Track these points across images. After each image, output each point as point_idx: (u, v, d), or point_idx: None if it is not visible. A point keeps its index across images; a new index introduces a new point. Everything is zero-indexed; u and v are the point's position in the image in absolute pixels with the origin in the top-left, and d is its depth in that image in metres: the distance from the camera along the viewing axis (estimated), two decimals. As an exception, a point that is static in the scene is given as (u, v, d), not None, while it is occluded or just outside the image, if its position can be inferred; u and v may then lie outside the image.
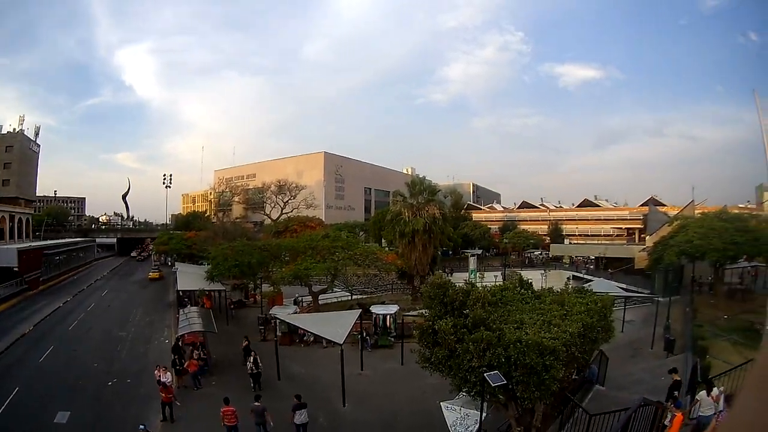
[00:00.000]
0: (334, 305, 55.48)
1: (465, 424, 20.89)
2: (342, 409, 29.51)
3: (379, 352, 41.82)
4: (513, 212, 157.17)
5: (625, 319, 47.54)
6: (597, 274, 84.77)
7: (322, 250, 52.51)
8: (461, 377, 18.84)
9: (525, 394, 17.91)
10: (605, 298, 24.09)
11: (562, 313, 20.75)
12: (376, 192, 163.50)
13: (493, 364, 17.60)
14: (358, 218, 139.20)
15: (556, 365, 17.45)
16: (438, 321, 19.38)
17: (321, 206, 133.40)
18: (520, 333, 18.16)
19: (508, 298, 22.88)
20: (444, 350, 19.10)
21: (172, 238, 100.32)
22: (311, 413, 26.30)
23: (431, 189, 65.08)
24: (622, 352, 37.20)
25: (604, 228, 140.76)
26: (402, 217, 60.35)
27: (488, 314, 19.62)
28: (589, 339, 20.95)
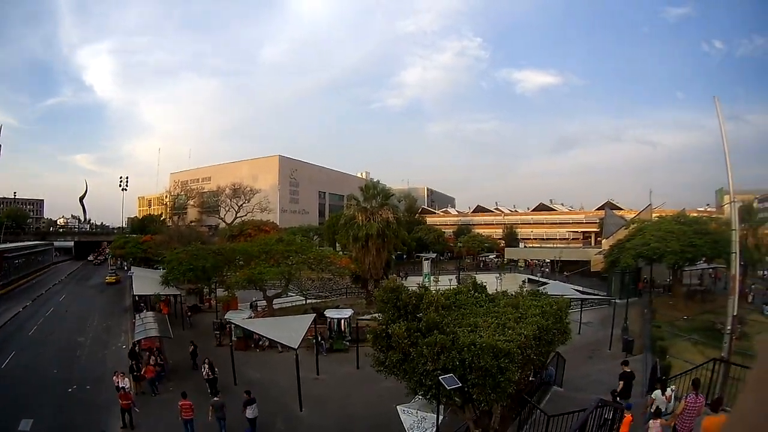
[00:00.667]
0: (288, 309, 55.15)
1: (422, 428, 20.87)
2: (299, 414, 29.30)
3: (334, 356, 41.64)
4: (468, 216, 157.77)
5: (582, 321, 48.34)
6: (552, 277, 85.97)
7: (276, 255, 52.03)
8: (416, 381, 18.76)
9: (481, 397, 17.84)
10: (560, 301, 24.17)
11: (516, 316, 20.67)
12: (331, 196, 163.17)
13: (447, 367, 17.47)
14: (313, 222, 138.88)
15: (511, 367, 17.40)
16: (391, 325, 19.23)
17: (276, 210, 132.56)
18: (475, 336, 18.03)
19: (462, 302, 22.72)
20: (398, 354, 18.95)
21: (128, 242, 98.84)
22: (269, 418, 27.09)
23: (385, 193, 64.96)
24: (580, 353, 37.57)
25: (559, 231, 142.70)
26: (356, 221, 60.16)
27: (442, 318, 19.44)
28: (545, 341, 20.87)
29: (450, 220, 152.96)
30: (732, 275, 24.60)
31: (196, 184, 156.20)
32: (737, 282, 24.73)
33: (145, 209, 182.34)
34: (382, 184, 66.76)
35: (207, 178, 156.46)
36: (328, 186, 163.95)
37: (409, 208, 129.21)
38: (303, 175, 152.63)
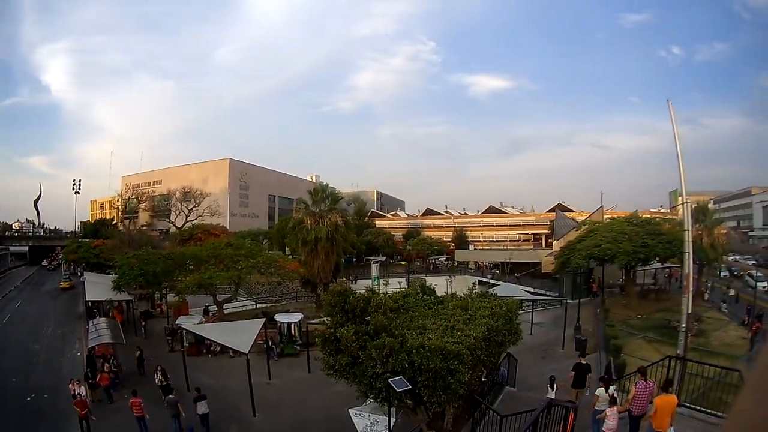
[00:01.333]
0: (239, 314, 54.53)
1: (375, 430, 20.67)
2: (253, 419, 29.02)
3: (285, 360, 41.38)
4: (417, 219, 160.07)
5: (534, 321, 48.72)
6: (503, 278, 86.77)
7: (225, 259, 51.39)
8: (366, 384, 18.65)
9: (432, 399, 17.88)
10: (510, 302, 24.23)
11: (465, 318, 20.61)
12: (281, 200, 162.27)
13: (396, 369, 17.43)
14: (262, 226, 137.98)
15: (461, 369, 17.45)
16: (340, 329, 19.03)
17: (226, 214, 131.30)
18: (423, 338, 17.98)
19: (410, 304, 22.73)
20: (347, 357, 18.75)
21: (81, 247, 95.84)
22: (223, 425, 27.45)
23: (334, 197, 65.27)
24: (533, 353, 37.81)
25: (510, 234, 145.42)
26: (304, 225, 60.08)
27: (390, 321, 19.44)
28: (495, 342, 20.91)
29: (400, 223, 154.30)
30: (686, 274, 24.89)
31: (147, 187, 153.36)
32: (691, 281, 24.91)
33: (98, 213, 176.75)
34: (332, 187, 66.84)
35: (158, 181, 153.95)
36: (278, 189, 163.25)
37: (359, 212, 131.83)
38: (253, 179, 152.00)
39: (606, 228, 61.54)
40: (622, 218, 68.52)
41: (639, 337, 44.69)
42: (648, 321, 51.20)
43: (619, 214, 79.84)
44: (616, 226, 60.74)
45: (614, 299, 63.61)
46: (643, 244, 54.93)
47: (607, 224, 65.76)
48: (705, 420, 18.72)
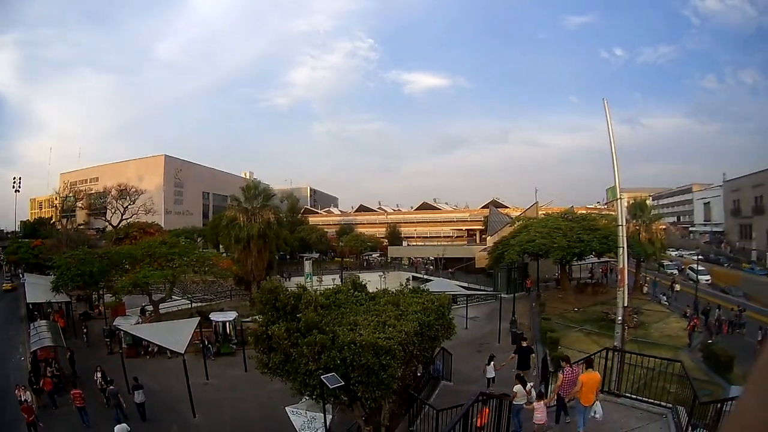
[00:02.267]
0: (175, 314, 53.73)
1: (313, 428, 20.64)
2: (193, 421, 28.82)
3: (222, 359, 41.11)
4: (350, 216, 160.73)
5: (469, 316, 49.44)
6: (437, 274, 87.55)
7: (159, 258, 50.55)
8: (300, 381, 18.53)
9: (366, 394, 17.91)
10: (442, 297, 24.22)
11: (397, 314, 20.56)
12: (215, 196, 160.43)
13: (329, 366, 17.32)
14: (197, 224, 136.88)
15: (393, 364, 17.48)
16: (271, 326, 18.80)
17: (161, 211, 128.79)
18: (354, 335, 17.82)
19: (342, 301, 22.52)
20: (280, 355, 18.58)
21: (21, 247, 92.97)
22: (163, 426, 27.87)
23: (266, 193, 65.24)
24: (469, 347, 38.31)
25: (443, 230, 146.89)
26: (237, 222, 59.87)
27: (321, 317, 19.29)
28: (428, 337, 20.96)
29: (333, 220, 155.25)
30: (621, 269, 25.21)
31: (85, 185, 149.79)
32: (626, 274, 25.40)
33: (37, 212, 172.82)
34: (265, 184, 66.84)
35: (95, 178, 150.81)
36: (212, 186, 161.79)
37: (292, 208, 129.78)
38: (188, 176, 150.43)
39: (540, 224, 62.64)
40: (557, 214, 70.12)
41: (576, 329, 45.64)
42: (585, 314, 52.11)
43: (554, 211, 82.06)
44: (550, 222, 62.11)
45: (550, 293, 65.06)
46: (579, 240, 56.20)
47: (541, 220, 66.93)
48: (647, 410, 19.13)
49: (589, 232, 57.71)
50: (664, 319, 49.81)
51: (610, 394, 20.76)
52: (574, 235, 56.59)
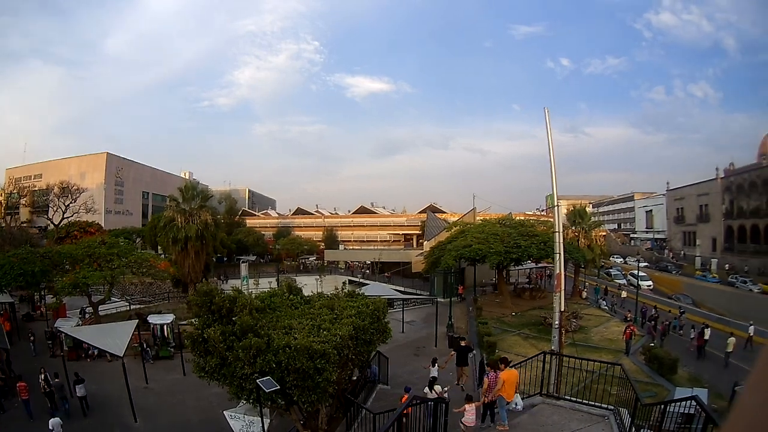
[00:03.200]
0: (115, 316, 53.14)
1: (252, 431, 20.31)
2: (134, 425, 28.40)
3: (161, 363, 40.55)
4: (288, 218, 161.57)
5: (406, 320, 50.07)
6: (373, 278, 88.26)
7: (99, 258, 49.70)
8: (237, 385, 18.41)
9: (303, 398, 17.95)
10: (377, 301, 24.33)
11: (332, 317, 20.73)
12: (154, 196, 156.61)
13: (265, 370, 17.30)
14: (136, 224, 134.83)
15: (328, 368, 17.58)
16: (207, 329, 18.60)
17: (101, 211, 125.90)
18: (289, 338, 17.92)
19: (277, 304, 22.59)
20: (216, 359, 18.42)
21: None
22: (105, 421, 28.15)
23: (204, 194, 64.93)
24: (406, 351, 38.55)
25: (380, 234, 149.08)
26: (175, 223, 59.14)
27: (256, 321, 19.20)
28: (363, 341, 21.05)
29: (270, 222, 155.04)
30: (557, 274, 25.49)
31: (29, 181, 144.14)
32: (563, 280, 25.64)
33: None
34: (203, 184, 67.34)
35: (38, 174, 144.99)
36: (152, 186, 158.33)
37: (230, 210, 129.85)
38: (128, 175, 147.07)
39: (477, 229, 62.91)
40: (494, 220, 70.45)
41: (514, 333, 46.23)
42: (523, 318, 53.10)
43: (492, 216, 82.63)
44: (487, 228, 62.30)
45: (487, 298, 65.95)
46: (516, 245, 56.47)
47: (478, 225, 67.30)
48: (589, 412, 19.40)
49: (526, 237, 58.34)
50: (604, 324, 51.06)
51: (550, 396, 21.07)
52: (511, 241, 57.04)
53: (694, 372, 36.62)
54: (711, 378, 34.89)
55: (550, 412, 19.98)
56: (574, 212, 73.85)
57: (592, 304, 62.89)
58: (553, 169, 25.10)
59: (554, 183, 25.07)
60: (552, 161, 25.11)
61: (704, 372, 37.41)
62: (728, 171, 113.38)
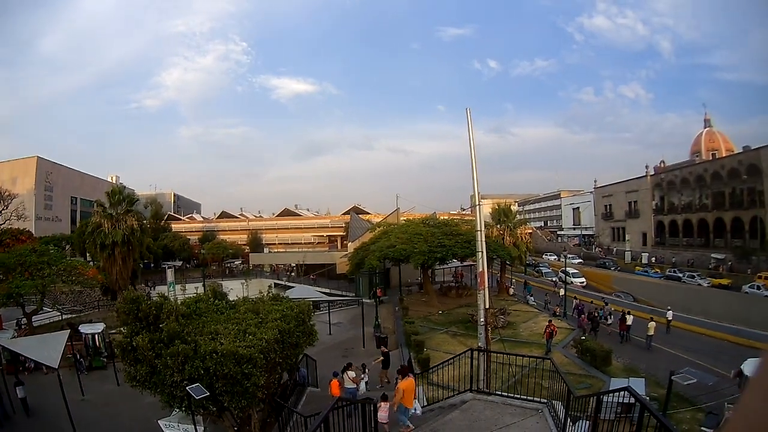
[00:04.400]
0: (47, 326, 51.91)
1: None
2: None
3: (95, 373, 39.90)
4: (213, 222, 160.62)
5: (332, 322, 50.12)
6: (298, 280, 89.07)
7: (30, 267, 49.03)
8: (168, 393, 18.38)
9: (233, 404, 18.13)
10: (302, 304, 24.62)
11: (257, 321, 20.77)
12: (83, 202, 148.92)
13: (193, 376, 17.28)
14: (65, 230, 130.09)
15: (255, 372, 17.66)
16: (135, 337, 18.55)
17: (32, 217, 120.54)
18: (215, 344, 17.97)
19: (203, 310, 22.58)
20: (146, 367, 18.36)
21: None
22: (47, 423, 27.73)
23: (130, 199, 64.84)
24: (334, 353, 38.58)
25: (305, 236, 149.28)
26: (102, 229, 58.83)
27: (182, 327, 19.22)
28: (290, 344, 21.20)
29: (196, 227, 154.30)
30: (480, 272, 25.90)
31: None
32: (486, 277, 26.18)
33: None
34: (130, 189, 66.40)
35: None
36: (81, 191, 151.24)
37: (155, 214, 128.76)
38: (57, 180, 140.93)
39: (401, 229, 63.65)
40: (418, 220, 71.96)
41: (442, 331, 46.71)
42: (450, 316, 53.82)
43: (416, 217, 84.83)
44: (411, 228, 63.06)
45: (414, 297, 66.59)
46: (440, 244, 57.04)
47: (402, 226, 68.14)
48: (521, 405, 19.69)
49: (450, 237, 59.01)
50: (533, 319, 51.85)
51: (481, 392, 21.30)
52: (435, 241, 57.67)
53: (629, 362, 37.55)
54: (648, 368, 35.72)
55: (482, 407, 20.14)
56: (498, 211, 75.26)
57: (520, 300, 64.01)
58: (474, 168, 25.54)
59: (475, 182, 25.55)
60: (473, 161, 25.53)
61: (632, 357, 39.38)
62: (659, 168, 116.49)
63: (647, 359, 39.13)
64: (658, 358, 39.47)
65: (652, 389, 29.45)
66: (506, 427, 17.95)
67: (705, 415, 26.10)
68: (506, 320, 48.52)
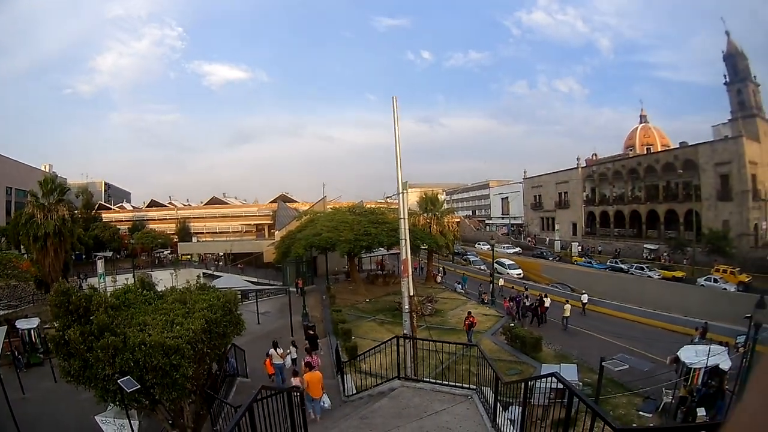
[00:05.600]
0: (-12, 322, 51.28)
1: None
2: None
3: (33, 370, 39.58)
4: (142, 211, 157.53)
5: (261, 311, 50.32)
6: (226, 269, 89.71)
7: (-31, 262, 48.49)
8: (102, 387, 18.36)
9: (164, 396, 18.10)
10: (228, 293, 24.77)
11: (184, 312, 20.94)
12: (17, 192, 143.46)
13: (124, 369, 17.35)
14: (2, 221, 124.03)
15: (183, 363, 17.69)
16: (67, 330, 18.58)
17: None
18: (144, 335, 18.04)
19: (132, 301, 22.59)
20: (78, 361, 18.41)
21: None
22: None
23: (61, 188, 63.51)
24: (263, 342, 38.05)
25: (232, 225, 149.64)
26: (35, 220, 57.77)
27: (112, 319, 19.36)
28: (217, 334, 21.36)
29: (126, 216, 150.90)
30: (404, 260, 26.26)
31: None
32: (410, 265, 26.57)
33: None
34: (62, 177, 65.30)
35: None
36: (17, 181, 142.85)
37: (87, 204, 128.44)
38: None
39: (327, 218, 64.63)
40: (345, 208, 72.26)
41: (369, 320, 47.85)
42: (377, 304, 55.08)
43: (343, 205, 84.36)
44: (337, 216, 63.99)
45: (341, 285, 67.81)
46: (366, 233, 58.21)
47: (328, 214, 69.26)
48: (450, 392, 20.05)
49: (377, 225, 60.15)
50: (461, 306, 52.98)
51: (408, 379, 21.63)
52: (361, 229, 58.62)
53: (561, 349, 38.74)
54: (580, 354, 36.92)
55: (410, 394, 20.44)
56: (426, 199, 76.47)
57: (448, 288, 65.47)
58: (399, 156, 25.80)
59: (399, 170, 25.88)
60: (397, 149, 25.95)
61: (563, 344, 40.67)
62: (590, 161, 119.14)
63: (579, 345, 40.33)
64: (591, 344, 40.53)
65: (585, 375, 30.44)
66: (436, 414, 18.14)
67: (642, 399, 27.20)
68: (434, 308, 49.74)
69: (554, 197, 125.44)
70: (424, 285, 66.61)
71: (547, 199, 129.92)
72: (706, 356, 24.62)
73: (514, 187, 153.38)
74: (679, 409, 25.32)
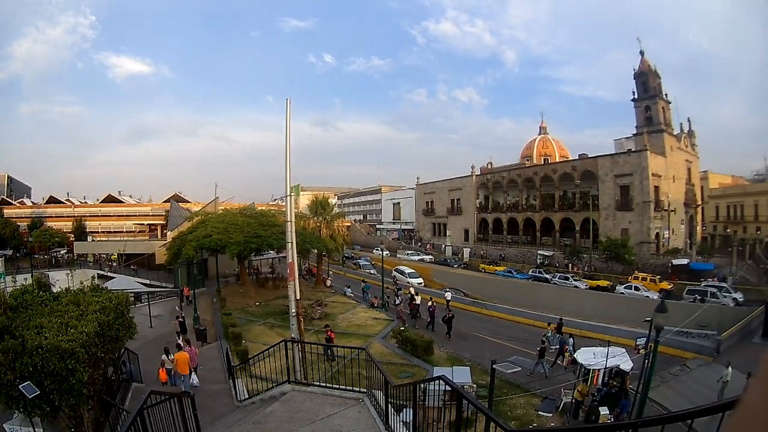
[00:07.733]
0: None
1: (29, 443, 20.12)
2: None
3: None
4: (41, 208, 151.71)
5: (153, 314, 49.18)
6: (120, 270, 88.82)
7: None
8: (5, 393, 17.46)
9: (62, 402, 17.88)
10: (120, 295, 24.83)
11: (78, 314, 20.82)
12: None
13: (24, 374, 16.90)
14: None
15: (79, 368, 17.47)
16: (-33, 334, 18.18)
17: None
18: (41, 338, 17.55)
19: (29, 302, 22.22)
20: (-21, 367, 17.90)
21: None
22: None
23: None
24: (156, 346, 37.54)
25: (126, 224, 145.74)
26: None
27: (11, 321, 19.04)
28: (110, 337, 21.36)
29: (26, 212, 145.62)
30: (290, 263, 27.15)
31: None
32: (295, 268, 27.46)
33: None
34: None
35: None
36: None
37: None
38: None
39: (218, 219, 64.14)
40: (236, 210, 71.61)
41: (260, 323, 47.95)
42: (267, 307, 55.17)
43: (235, 206, 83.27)
44: (228, 218, 63.55)
45: (231, 288, 67.04)
46: (255, 235, 58.31)
47: (219, 215, 68.77)
48: (341, 396, 20.41)
49: (266, 227, 60.25)
50: (351, 310, 54.16)
51: (299, 383, 22.02)
52: (251, 231, 58.78)
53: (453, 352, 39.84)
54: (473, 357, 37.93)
55: (302, 398, 20.65)
56: (316, 203, 76.78)
57: (338, 292, 65.95)
58: (288, 159, 26.25)
59: (288, 173, 26.69)
60: (287, 151, 26.86)
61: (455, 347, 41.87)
62: (485, 169, 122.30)
63: (473, 348, 41.63)
64: (485, 347, 41.94)
65: (479, 377, 31.19)
66: (328, 418, 18.30)
67: (541, 400, 28.44)
68: (323, 311, 50.62)
69: (447, 204, 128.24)
70: (314, 289, 67.59)
71: (439, 206, 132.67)
72: (605, 358, 26.50)
73: (406, 192, 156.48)
74: (580, 408, 26.53)
